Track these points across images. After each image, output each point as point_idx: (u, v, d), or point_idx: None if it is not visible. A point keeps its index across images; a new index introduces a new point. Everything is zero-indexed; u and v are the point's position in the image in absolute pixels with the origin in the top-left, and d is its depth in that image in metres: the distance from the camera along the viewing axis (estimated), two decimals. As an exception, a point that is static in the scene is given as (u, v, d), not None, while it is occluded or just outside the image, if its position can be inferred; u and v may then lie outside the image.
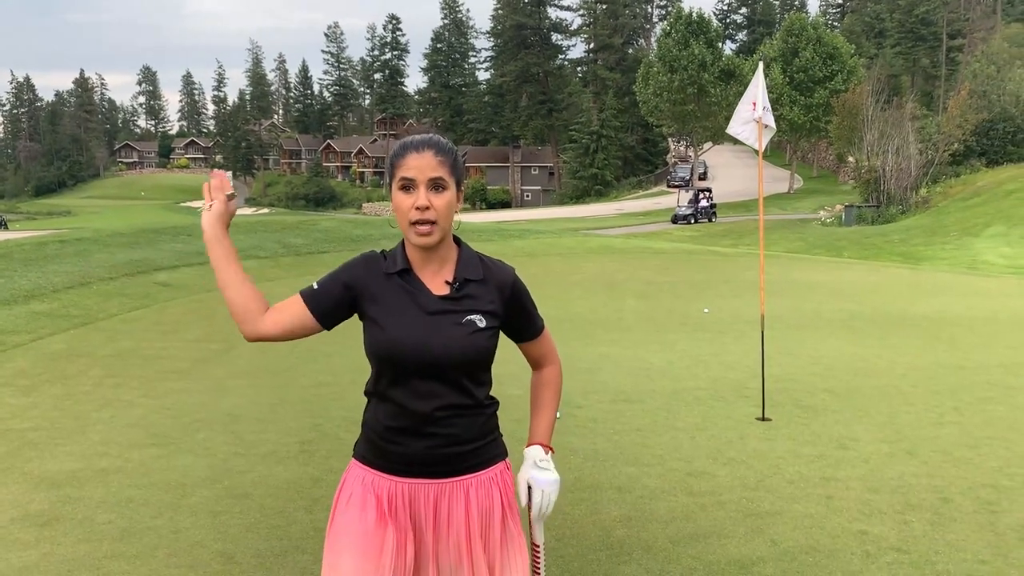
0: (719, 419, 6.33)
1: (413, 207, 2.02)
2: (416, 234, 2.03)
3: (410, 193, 2.03)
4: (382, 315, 2.07)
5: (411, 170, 2.02)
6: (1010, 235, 31.22)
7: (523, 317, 2.30)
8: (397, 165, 2.05)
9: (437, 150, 2.04)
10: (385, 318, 2.06)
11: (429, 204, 2.01)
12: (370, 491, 2.12)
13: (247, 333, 2.12)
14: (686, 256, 19.41)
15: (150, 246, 14.34)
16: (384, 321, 2.06)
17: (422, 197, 2.01)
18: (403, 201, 2.04)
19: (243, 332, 2.12)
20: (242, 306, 2.09)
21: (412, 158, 2.03)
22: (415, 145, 2.05)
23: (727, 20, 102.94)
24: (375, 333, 2.07)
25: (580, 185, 73.26)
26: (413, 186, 2.02)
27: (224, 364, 8.05)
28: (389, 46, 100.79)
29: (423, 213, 2.01)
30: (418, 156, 2.03)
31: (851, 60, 61.40)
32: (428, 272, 2.11)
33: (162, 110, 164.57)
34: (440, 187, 2.03)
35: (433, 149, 2.04)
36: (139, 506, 4.50)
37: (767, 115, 6.24)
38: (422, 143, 2.05)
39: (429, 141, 2.07)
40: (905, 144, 42.38)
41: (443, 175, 2.03)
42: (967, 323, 11.10)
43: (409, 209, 2.02)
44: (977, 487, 4.87)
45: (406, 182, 2.03)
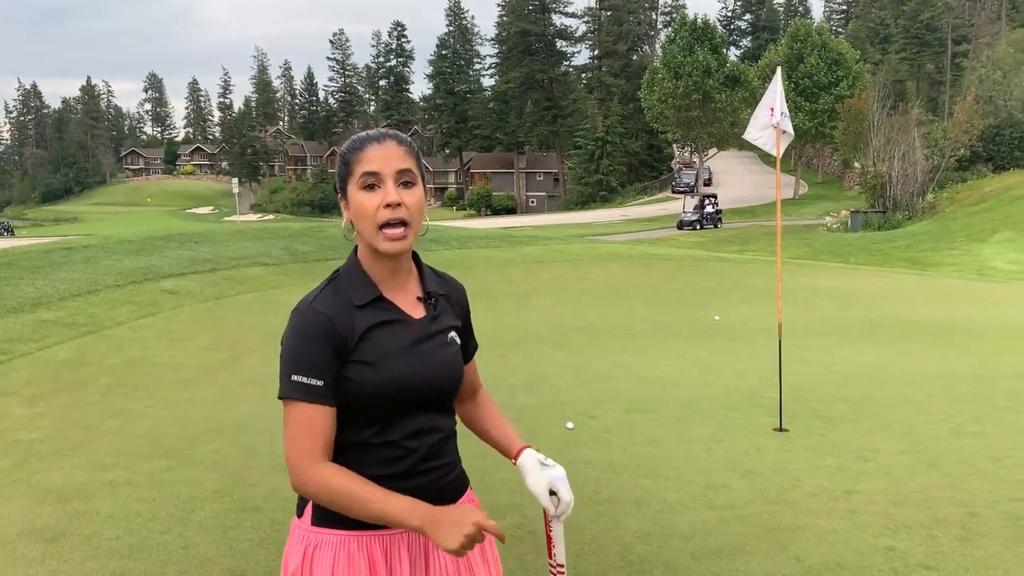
0: (735, 429, 6.23)
1: (381, 206, 1.70)
2: (387, 239, 1.71)
3: (374, 191, 1.72)
4: (369, 354, 1.73)
5: (374, 163, 1.72)
6: (1018, 241, 31.07)
7: (470, 335, 2.04)
8: (354, 161, 1.74)
9: (399, 140, 1.76)
10: (374, 357, 1.73)
11: (400, 200, 1.71)
12: (360, 556, 1.76)
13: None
14: (693, 262, 19.30)
15: (157, 253, 14.28)
16: (374, 361, 1.73)
17: (392, 193, 1.71)
18: (367, 201, 1.71)
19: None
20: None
21: (373, 150, 1.73)
22: (374, 137, 1.76)
23: (731, 26, 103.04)
24: (364, 376, 1.72)
25: (585, 191, 73.22)
26: (378, 182, 1.71)
27: (232, 372, 7.97)
28: (394, 53, 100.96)
29: (394, 211, 1.71)
30: (380, 147, 1.74)
31: (856, 66, 61.34)
32: (396, 289, 1.81)
33: (168, 117, 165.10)
34: (410, 182, 1.74)
35: (395, 140, 1.76)
36: (148, 520, 4.41)
37: (785, 121, 6.15)
38: (381, 135, 1.77)
39: (388, 132, 1.79)
40: (911, 150, 42.25)
41: (411, 167, 1.75)
42: (979, 330, 10.99)
43: (376, 209, 1.71)
44: (1003, 501, 4.76)
45: (369, 179, 1.71)
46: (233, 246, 15.81)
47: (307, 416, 1.70)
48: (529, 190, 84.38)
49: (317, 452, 1.70)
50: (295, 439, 1.70)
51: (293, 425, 1.71)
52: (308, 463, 1.70)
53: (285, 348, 1.73)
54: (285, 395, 1.72)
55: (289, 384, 1.71)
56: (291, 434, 1.71)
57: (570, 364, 8.46)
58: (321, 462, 1.70)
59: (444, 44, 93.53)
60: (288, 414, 1.72)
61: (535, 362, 8.55)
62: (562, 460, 5.65)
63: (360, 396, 1.73)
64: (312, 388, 1.69)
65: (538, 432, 6.06)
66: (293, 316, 1.75)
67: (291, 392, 1.70)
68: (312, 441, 1.70)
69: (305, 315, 1.73)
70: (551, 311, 11.83)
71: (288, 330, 1.74)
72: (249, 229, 19.99)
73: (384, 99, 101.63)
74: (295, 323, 1.74)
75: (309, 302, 1.75)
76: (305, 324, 1.72)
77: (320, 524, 1.79)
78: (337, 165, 1.83)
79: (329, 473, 1.70)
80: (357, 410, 1.75)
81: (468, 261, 16.12)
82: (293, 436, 1.70)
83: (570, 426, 6.17)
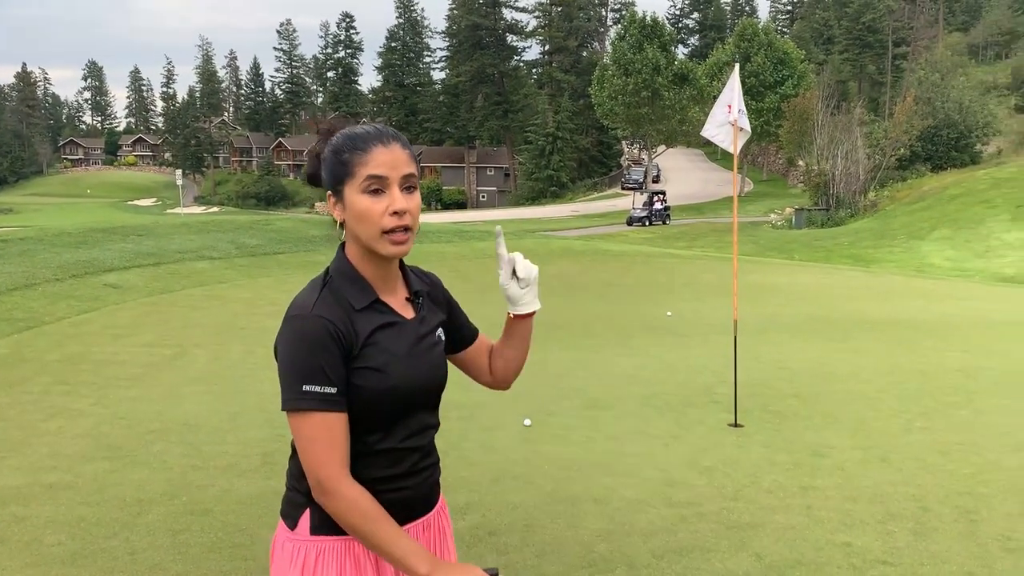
0: (692, 426, 6.25)
1: (387, 213, 1.64)
2: (392, 243, 1.66)
3: (380, 196, 1.65)
4: (374, 359, 1.67)
5: (382, 167, 1.64)
6: (955, 239, 31.97)
7: (463, 318, 2.00)
8: (358, 162, 1.65)
9: (403, 143, 1.69)
10: (380, 362, 1.67)
11: (407, 208, 1.66)
12: (366, 560, 1.72)
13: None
14: (645, 259, 19.43)
15: (98, 246, 13.85)
16: (380, 366, 1.67)
17: (400, 200, 1.65)
18: (373, 206, 1.64)
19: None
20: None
21: (380, 153, 1.64)
22: (380, 137, 1.67)
23: (679, 24, 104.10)
24: (371, 381, 1.66)
25: (536, 186, 73.31)
26: (384, 187, 1.65)
27: (178, 370, 7.75)
28: (342, 44, 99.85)
29: (401, 219, 1.65)
30: (387, 151, 1.65)
31: (801, 66, 62.45)
32: (387, 291, 1.76)
33: (109, 106, 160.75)
34: (412, 187, 1.68)
35: (399, 142, 1.68)
36: (91, 525, 4.24)
37: (743, 118, 6.18)
38: (388, 135, 1.68)
39: (390, 132, 1.70)
40: (853, 149, 43.21)
41: (415, 171, 1.70)
42: (923, 326, 11.24)
43: (382, 215, 1.64)
44: (954, 495, 4.84)
45: (375, 183, 1.64)
46: (178, 239, 15.44)
47: (329, 425, 1.62)
48: (480, 185, 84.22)
49: (346, 462, 1.64)
50: (324, 451, 1.62)
51: (316, 437, 1.62)
52: (343, 475, 1.63)
53: (290, 358, 1.63)
54: (298, 407, 1.61)
55: (301, 395, 1.61)
56: (316, 447, 1.61)
57: (527, 360, 8.40)
58: (350, 476, 1.65)
59: (393, 36, 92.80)
60: (304, 426, 1.62)
61: (490, 358, 8.48)
62: (520, 457, 5.62)
63: (367, 402, 1.67)
64: (328, 396, 1.62)
65: (496, 429, 6.00)
66: (293, 323, 1.65)
67: (305, 403, 1.61)
68: (342, 450, 1.63)
69: (309, 322, 1.63)
70: (505, 307, 11.76)
71: (289, 338, 1.64)
72: (194, 222, 19.55)
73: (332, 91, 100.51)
74: (298, 331, 1.63)
75: (310, 308, 1.65)
76: (310, 331, 1.62)
77: (321, 532, 1.71)
78: (329, 160, 1.70)
79: (360, 491, 1.64)
80: (362, 416, 1.68)
81: (420, 256, 15.88)
82: (320, 448, 1.61)
83: (528, 423, 6.12)
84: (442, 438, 1.93)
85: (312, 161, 1.77)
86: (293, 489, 1.75)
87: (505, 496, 4.74)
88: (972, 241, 30.91)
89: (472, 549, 4.04)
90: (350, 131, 1.70)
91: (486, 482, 4.95)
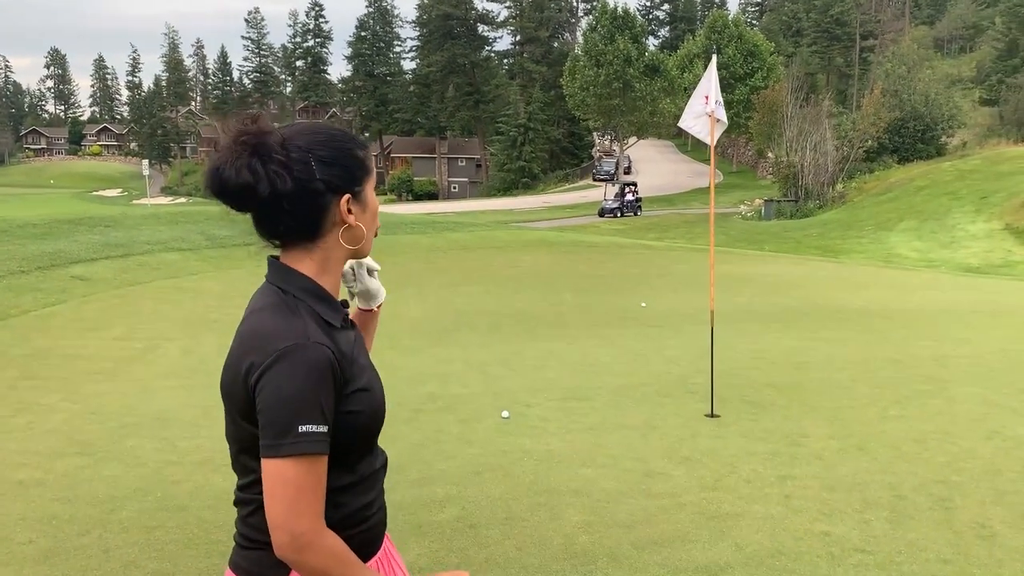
0: (669, 416, 6.26)
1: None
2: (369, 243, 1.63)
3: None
4: (361, 379, 1.54)
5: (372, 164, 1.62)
6: (921, 229, 32.41)
7: None
8: (370, 158, 1.61)
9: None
10: (365, 381, 1.55)
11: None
12: None
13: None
14: (618, 250, 19.47)
15: (65, 237, 13.58)
16: (366, 385, 1.55)
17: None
18: (375, 204, 1.61)
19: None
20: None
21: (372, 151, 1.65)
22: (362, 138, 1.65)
23: (650, 16, 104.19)
24: (365, 403, 1.54)
25: (507, 178, 73.13)
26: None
27: (150, 364, 7.62)
28: (312, 33, 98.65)
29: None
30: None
31: (771, 58, 62.89)
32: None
33: (72, 95, 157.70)
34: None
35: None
36: (64, 523, 4.15)
37: (719, 109, 6.19)
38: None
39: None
40: (822, 141, 43.60)
41: None
42: (894, 316, 11.37)
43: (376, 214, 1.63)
44: (929, 483, 4.90)
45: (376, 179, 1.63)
46: (147, 230, 15.19)
47: (317, 471, 1.44)
48: (451, 176, 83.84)
49: (323, 510, 1.46)
50: (305, 501, 1.42)
51: (300, 485, 1.41)
52: (321, 524, 1.45)
53: (290, 393, 1.41)
54: (293, 452, 1.41)
55: (297, 438, 1.41)
56: (297, 496, 1.41)
57: (502, 352, 8.39)
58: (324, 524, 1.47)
59: (363, 25, 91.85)
60: (289, 473, 1.41)
61: (468, 350, 8.45)
62: (499, 450, 5.60)
63: (362, 426, 1.54)
64: (323, 437, 1.44)
65: (473, 422, 5.97)
66: (296, 356, 1.42)
67: (302, 447, 1.41)
68: (322, 499, 1.46)
69: (312, 352, 1.44)
70: (480, 298, 11.74)
71: (290, 371, 1.42)
72: (164, 213, 19.25)
73: (301, 80, 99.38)
74: (303, 363, 1.42)
75: (306, 335, 1.45)
76: (314, 363, 1.43)
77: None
78: (343, 158, 1.54)
79: (334, 536, 1.47)
80: (352, 444, 1.54)
81: (394, 247, 15.84)
82: (301, 498, 1.41)
83: (506, 415, 6.10)
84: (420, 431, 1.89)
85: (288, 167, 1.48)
86: (264, 546, 1.50)
87: (485, 489, 4.72)
88: (938, 232, 31.37)
89: (453, 543, 4.02)
90: (331, 127, 1.58)
91: (465, 475, 4.92)
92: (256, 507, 1.51)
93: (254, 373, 1.43)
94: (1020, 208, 31.28)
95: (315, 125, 1.58)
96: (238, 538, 1.58)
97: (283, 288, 1.52)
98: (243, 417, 1.49)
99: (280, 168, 1.47)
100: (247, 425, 1.48)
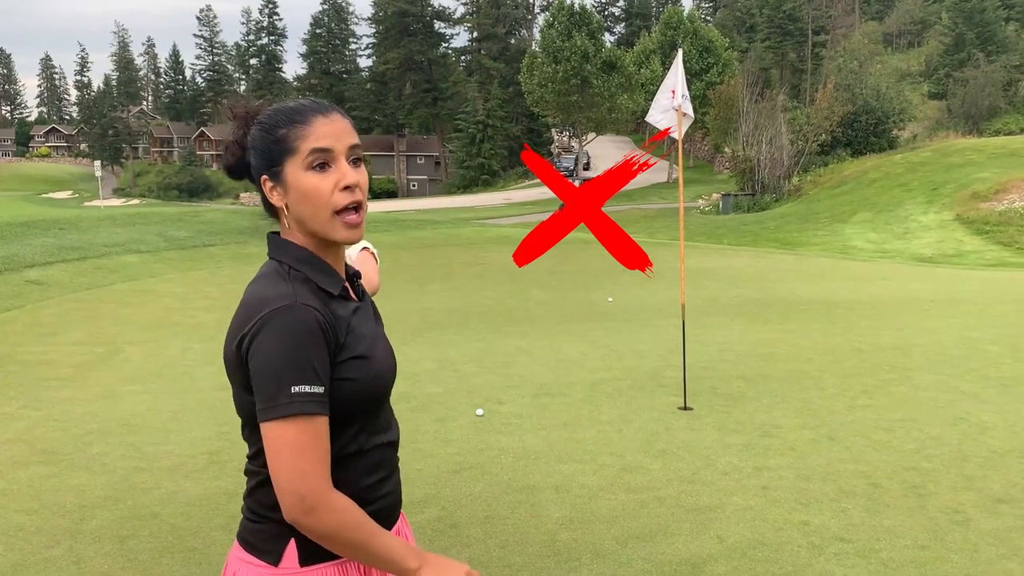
0: (642, 410, 6.28)
1: (338, 188, 1.48)
2: (346, 225, 1.50)
3: (327, 171, 1.48)
4: (360, 347, 1.52)
5: (326, 138, 1.48)
6: (875, 221, 32.97)
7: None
8: (299, 136, 1.48)
9: (343, 113, 1.55)
10: (365, 349, 1.53)
11: (357, 181, 1.51)
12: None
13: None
14: (583, 245, 19.50)
15: (18, 241, 13.22)
16: (366, 352, 1.53)
17: (350, 173, 1.50)
18: (321, 183, 1.47)
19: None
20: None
21: (322, 123, 1.48)
22: (319, 108, 1.51)
23: (605, 12, 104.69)
24: (363, 370, 1.51)
25: (467, 175, 73.00)
26: (331, 160, 1.49)
27: (112, 369, 7.45)
28: (266, 31, 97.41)
29: (353, 194, 1.50)
30: (328, 121, 1.50)
31: (726, 53, 63.53)
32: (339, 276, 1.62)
33: (18, 95, 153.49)
34: (359, 159, 1.54)
35: (339, 111, 1.54)
36: (31, 534, 4.03)
37: (686, 103, 6.21)
38: (325, 106, 1.53)
39: (327, 104, 1.55)
40: (777, 135, 44.15)
41: (359, 143, 1.55)
42: (855, 306, 11.55)
43: (332, 192, 1.48)
44: (901, 471, 4.97)
45: (320, 157, 1.47)
46: (103, 233, 14.86)
47: (319, 430, 1.43)
48: (410, 173, 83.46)
49: (329, 472, 1.45)
50: (308, 462, 1.41)
51: (302, 446, 1.40)
52: (328, 485, 1.43)
53: (278, 356, 1.41)
54: (288, 412, 1.39)
55: (290, 398, 1.40)
56: (299, 458, 1.40)
57: (473, 350, 8.35)
58: (332, 485, 1.45)
59: (318, 23, 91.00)
60: (288, 434, 1.40)
61: (438, 348, 8.39)
62: (475, 448, 5.56)
63: (358, 395, 1.50)
64: (320, 397, 1.42)
65: (448, 420, 5.93)
66: (281, 317, 1.43)
67: (296, 407, 1.40)
68: (327, 458, 1.44)
69: (298, 313, 1.43)
70: (448, 296, 11.68)
71: (276, 335, 1.42)
72: (120, 214, 18.85)
73: (256, 78, 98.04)
74: (288, 324, 1.42)
75: (294, 297, 1.45)
76: (300, 323, 1.42)
77: (313, 561, 1.50)
78: (261, 140, 1.52)
79: (347, 499, 1.46)
80: (355, 413, 1.52)
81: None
82: (304, 459, 1.40)
83: (480, 413, 6.06)
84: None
85: (232, 149, 1.58)
86: (265, 520, 1.51)
87: (464, 488, 4.68)
88: (892, 223, 31.94)
89: (435, 543, 3.97)
90: (282, 106, 1.54)
91: (443, 474, 4.88)
92: (260, 480, 1.52)
93: (245, 341, 1.45)
94: (970, 199, 32.01)
95: (270, 107, 1.57)
96: (245, 511, 1.58)
97: (279, 259, 1.54)
98: (244, 388, 1.49)
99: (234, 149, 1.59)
100: (248, 396, 1.48)
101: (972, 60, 65.08)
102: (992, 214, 29.75)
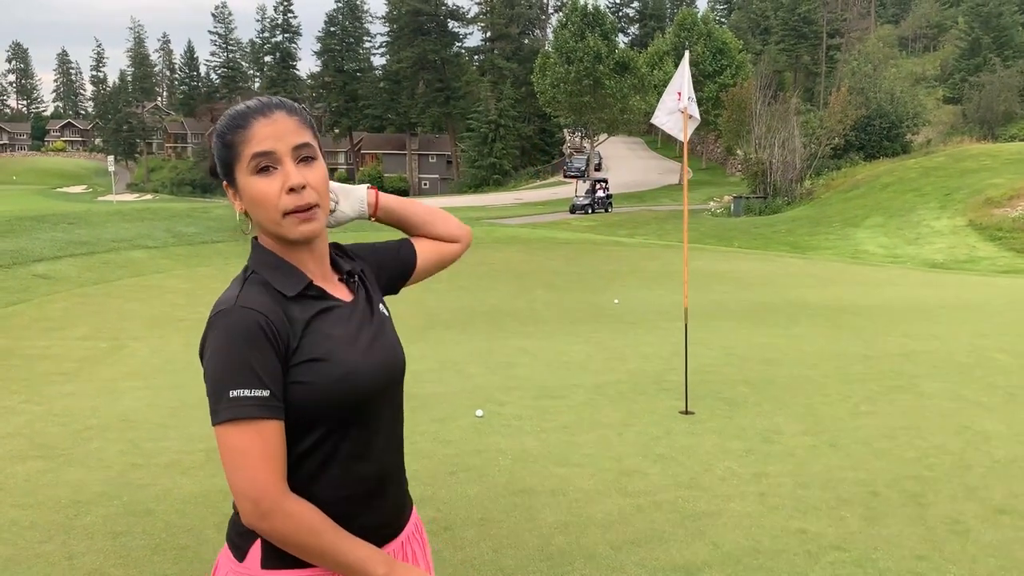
0: (643, 414, 6.24)
1: (283, 191, 1.46)
2: (298, 223, 1.47)
3: (270, 174, 1.46)
4: (318, 349, 1.46)
5: (265, 141, 1.45)
6: (887, 226, 32.82)
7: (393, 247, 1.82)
8: (240, 141, 1.47)
9: (289, 110, 1.50)
10: (324, 351, 1.47)
11: (305, 181, 1.47)
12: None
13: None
14: (591, 247, 19.48)
15: (27, 235, 13.29)
16: (325, 355, 1.47)
17: (293, 174, 1.46)
18: (265, 187, 1.45)
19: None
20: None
21: (261, 126, 1.46)
22: (257, 109, 1.48)
23: (619, 13, 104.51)
24: (318, 374, 1.45)
25: (479, 174, 73.02)
26: (274, 163, 1.46)
27: (115, 364, 7.46)
28: (280, 28, 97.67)
29: (300, 196, 1.46)
30: (269, 121, 1.47)
31: (739, 56, 63.33)
32: (318, 275, 1.57)
33: (35, 90, 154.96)
34: (310, 157, 1.49)
35: (284, 109, 1.49)
36: (25, 529, 4.03)
37: (692, 105, 6.17)
38: (265, 105, 1.49)
39: (273, 101, 1.51)
40: (790, 138, 43.97)
41: (309, 140, 1.50)
42: (864, 311, 11.47)
43: (277, 196, 1.46)
44: (901, 479, 4.92)
45: (262, 160, 1.45)
46: (112, 228, 14.92)
47: (263, 434, 1.39)
48: (422, 172, 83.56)
49: (284, 476, 1.42)
50: (257, 465, 1.38)
51: (247, 450, 1.38)
52: (282, 489, 1.41)
53: (214, 360, 1.40)
54: (226, 418, 1.38)
55: (229, 403, 1.38)
56: (248, 462, 1.38)
57: (476, 350, 8.33)
58: (289, 490, 1.43)
59: (333, 21, 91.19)
60: (232, 439, 1.38)
61: (441, 348, 8.38)
62: (474, 449, 5.53)
63: (315, 400, 1.45)
64: (261, 400, 1.39)
65: (448, 421, 5.91)
66: (217, 321, 1.43)
67: (233, 411, 1.38)
68: (279, 463, 1.41)
69: (235, 315, 1.41)
70: (453, 296, 11.67)
71: (214, 338, 1.42)
72: (129, 210, 18.93)
73: (270, 76, 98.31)
74: (223, 327, 1.41)
75: (234, 300, 1.44)
76: (237, 326, 1.40)
77: (272, 565, 1.47)
78: (216, 147, 1.52)
79: (304, 504, 1.42)
80: (310, 420, 1.46)
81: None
82: (252, 462, 1.38)
83: (480, 414, 6.04)
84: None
85: (208, 155, 1.59)
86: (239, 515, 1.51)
87: (460, 489, 4.66)
88: (904, 228, 31.77)
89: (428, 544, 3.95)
90: (231, 110, 1.51)
91: (440, 475, 4.86)
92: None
93: (200, 347, 1.47)
94: (983, 205, 31.79)
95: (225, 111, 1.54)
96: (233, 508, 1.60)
97: (248, 264, 1.55)
98: None
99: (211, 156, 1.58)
100: None
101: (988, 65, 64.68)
102: (1006, 220, 29.54)
